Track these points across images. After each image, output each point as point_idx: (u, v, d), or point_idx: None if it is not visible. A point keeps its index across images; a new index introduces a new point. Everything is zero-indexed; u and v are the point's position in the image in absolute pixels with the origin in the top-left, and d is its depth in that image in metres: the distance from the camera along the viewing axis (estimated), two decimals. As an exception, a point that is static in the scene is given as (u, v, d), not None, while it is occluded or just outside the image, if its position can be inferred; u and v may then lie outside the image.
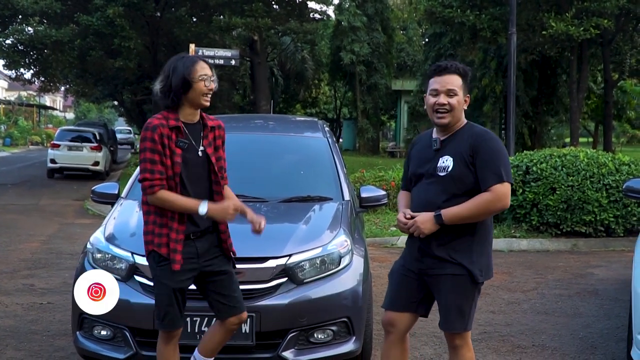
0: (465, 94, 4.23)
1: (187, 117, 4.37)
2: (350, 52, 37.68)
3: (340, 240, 5.36)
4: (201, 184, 4.42)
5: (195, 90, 4.28)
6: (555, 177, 12.07)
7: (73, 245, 12.03)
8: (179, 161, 4.28)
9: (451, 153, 4.16)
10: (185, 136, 4.33)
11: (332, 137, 7.36)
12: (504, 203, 4.09)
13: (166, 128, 4.25)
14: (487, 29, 23.23)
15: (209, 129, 4.49)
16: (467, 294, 4.19)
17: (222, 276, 4.50)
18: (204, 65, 4.34)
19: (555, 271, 10.19)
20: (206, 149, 4.43)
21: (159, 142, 4.23)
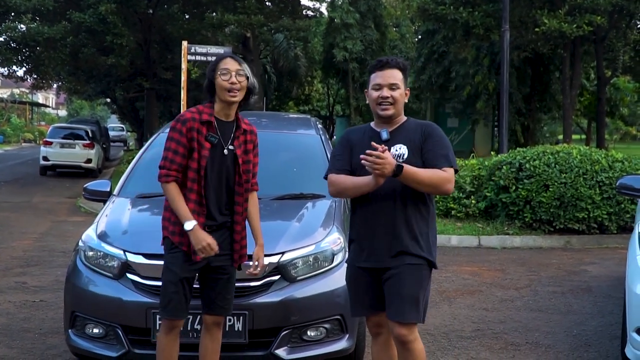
0: (405, 87, 4.33)
1: (220, 114, 4.49)
2: (343, 49, 37.61)
3: (333, 237, 5.35)
4: (223, 182, 4.49)
5: (217, 85, 4.41)
6: (549, 174, 12.07)
7: (65, 242, 12.00)
8: (206, 155, 4.39)
9: (404, 142, 4.23)
10: (216, 131, 4.43)
11: (325, 134, 7.36)
12: (450, 187, 4.15)
13: (197, 122, 4.39)
14: (480, 26, 23.25)
15: (241, 131, 4.57)
16: (423, 283, 4.20)
17: (223, 276, 4.54)
18: (227, 61, 4.46)
19: (548, 268, 10.20)
20: (235, 149, 4.51)
21: (185, 135, 4.36)
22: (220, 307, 4.56)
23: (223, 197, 4.51)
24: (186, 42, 17.27)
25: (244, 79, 4.46)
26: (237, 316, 4.85)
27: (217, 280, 4.53)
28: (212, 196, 4.46)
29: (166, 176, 4.38)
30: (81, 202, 18.00)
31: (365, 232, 4.27)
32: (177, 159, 4.37)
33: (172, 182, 4.38)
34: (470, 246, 12.01)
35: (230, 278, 4.57)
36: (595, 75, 29.22)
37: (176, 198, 4.36)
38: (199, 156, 4.37)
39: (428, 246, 4.22)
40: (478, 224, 12.93)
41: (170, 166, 4.37)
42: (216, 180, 4.46)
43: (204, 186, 4.40)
